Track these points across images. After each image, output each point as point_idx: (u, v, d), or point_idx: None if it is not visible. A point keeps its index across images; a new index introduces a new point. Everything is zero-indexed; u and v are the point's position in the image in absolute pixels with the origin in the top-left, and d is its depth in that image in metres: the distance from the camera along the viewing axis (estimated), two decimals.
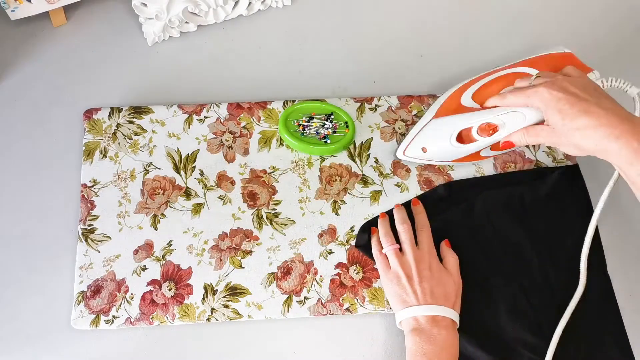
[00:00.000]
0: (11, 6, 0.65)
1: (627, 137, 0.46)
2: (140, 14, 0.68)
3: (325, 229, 0.62)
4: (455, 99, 0.61)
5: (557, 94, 0.50)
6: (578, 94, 0.50)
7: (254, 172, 0.64)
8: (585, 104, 0.49)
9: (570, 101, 0.49)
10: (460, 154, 0.59)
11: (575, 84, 0.51)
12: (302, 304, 0.59)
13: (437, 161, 0.61)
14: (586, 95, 0.50)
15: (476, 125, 0.56)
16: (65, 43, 0.71)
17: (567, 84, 0.51)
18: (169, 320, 0.57)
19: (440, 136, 0.59)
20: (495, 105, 0.57)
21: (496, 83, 0.60)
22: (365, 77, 0.71)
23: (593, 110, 0.48)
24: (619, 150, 0.46)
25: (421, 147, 0.60)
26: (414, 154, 0.61)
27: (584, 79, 0.53)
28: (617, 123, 0.47)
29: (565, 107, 0.49)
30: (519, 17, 0.76)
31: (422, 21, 0.75)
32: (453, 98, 0.61)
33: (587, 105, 0.48)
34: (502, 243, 0.60)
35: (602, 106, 0.48)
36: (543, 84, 0.52)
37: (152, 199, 0.62)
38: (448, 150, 0.59)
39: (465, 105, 0.59)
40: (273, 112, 0.67)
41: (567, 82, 0.52)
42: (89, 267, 0.59)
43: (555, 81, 0.52)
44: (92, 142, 0.64)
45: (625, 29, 0.75)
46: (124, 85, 0.69)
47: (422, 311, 0.53)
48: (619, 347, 0.57)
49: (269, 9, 0.75)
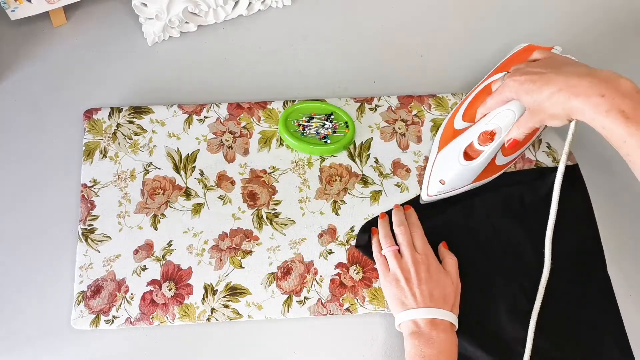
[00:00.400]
0: (11, 6, 0.65)
1: (586, 93, 0.47)
2: (140, 14, 0.68)
3: (325, 229, 0.62)
4: (449, 128, 0.63)
5: (519, 78, 0.53)
6: (539, 71, 0.52)
7: (254, 172, 0.64)
8: (546, 76, 0.50)
9: (532, 79, 0.51)
10: (475, 170, 0.59)
11: (537, 65, 0.54)
12: (302, 304, 0.59)
13: (460, 188, 0.61)
14: (547, 69, 0.52)
15: (476, 138, 0.58)
16: (65, 43, 0.71)
17: (528, 68, 0.54)
18: (169, 320, 0.57)
19: (450, 163, 0.60)
20: (484, 115, 0.59)
21: (478, 98, 0.62)
22: (365, 77, 0.71)
23: (553, 78, 0.50)
24: (582, 106, 0.47)
25: (439, 180, 0.60)
26: (436, 190, 0.61)
27: (548, 56, 0.55)
28: (575, 82, 0.48)
29: (529, 86, 0.51)
30: (519, 16, 0.76)
31: (422, 21, 0.75)
32: (447, 128, 0.63)
33: (548, 77, 0.50)
34: (502, 243, 0.60)
35: (562, 72, 0.50)
36: (508, 76, 0.55)
37: (152, 199, 0.62)
38: (463, 172, 0.59)
39: (459, 129, 0.61)
40: (273, 112, 0.67)
41: (529, 65, 0.54)
42: (89, 267, 0.59)
43: (517, 69, 0.55)
44: (92, 142, 0.64)
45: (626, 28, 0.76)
46: (124, 85, 0.69)
47: (421, 314, 0.53)
48: (618, 347, 0.57)
49: (269, 9, 0.75)
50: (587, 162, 0.65)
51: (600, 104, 0.46)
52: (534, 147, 0.66)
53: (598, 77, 0.47)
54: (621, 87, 0.46)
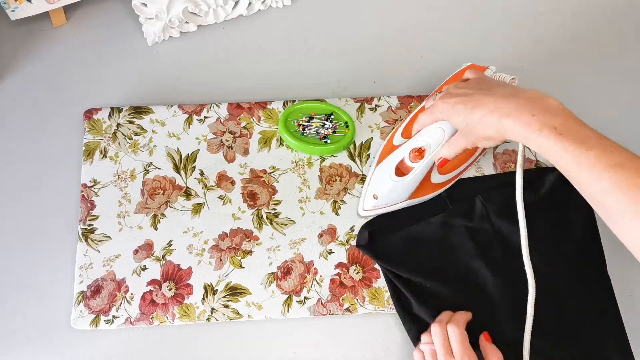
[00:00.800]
0: (11, 6, 0.65)
1: (516, 114, 0.47)
2: (140, 14, 0.68)
3: (325, 229, 0.62)
4: (389, 144, 0.63)
5: (449, 100, 0.53)
6: (468, 92, 0.52)
7: (254, 172, 0.64)
8: (476, 98, 0.51)
9: (462, 101, 0.52)
10: (408, 187, 0.59)
11: (467, 85, 0.54)
12: (302, 304, 0.59)
13: (393, 204, 0.61)
14: (476, 90, 0.52)
15: (407, 155, 0.58)
16: (65, 43, 0.71)
17: (457, 89, 0.54)
18: (169, 320, 0.57)
19: (383, 178, 0.60)
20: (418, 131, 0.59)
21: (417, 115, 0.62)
22: (365, 77, 0.71)
23: (483, 100, 0.50)
24: (514, 127, 0.48)
25: (372, 195, 0.60)
26: (370, 205, 0.61)
27: (478, 77, 0.56)
28: (504, 104, 0.48)
29: (460, 108, 0.52)
30: (519, 16, 0.76)
31: (422, 21, 0.75)
32: (387, 143, 0.64)
33: (477, 99, 0.51)
34: (502, 243, 0.60)
35: (491, 94, 0.50)
36: (439, 97, 0.55)
37: (152, 199, 0.62)
38: (394, 188, 0.59)
39: (397, 145, 0.62)
40: (273, 112, 0.67)
41: (459, 86, 0.55)
42: (89, 267, 0.59)
43: (447, 90, 0.55)
44: (92, 142, 0.64)
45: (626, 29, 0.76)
46: (124, 85, 0.69)
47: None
48: (618, 348, 0.57)
49: (269, 9, 0.75)
50: None
51: (532, 123, 0.46)
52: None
53: (526, 97, 0.48)
54: (549, 105, 0.47)
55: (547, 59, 0.73)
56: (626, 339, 0.57)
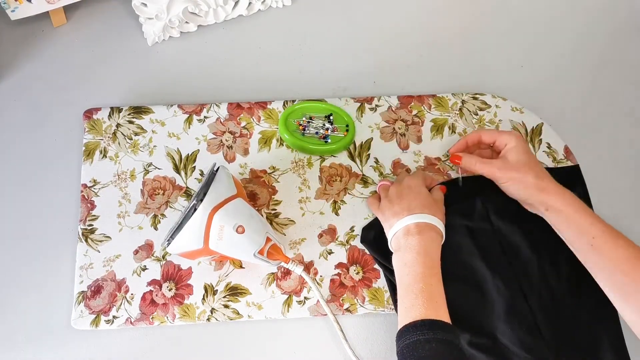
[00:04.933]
0: (11, 6, 0.65)
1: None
2: (140, 14, 0.68)
3: (325, 229, 0.62)
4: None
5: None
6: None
7: (254, 172, 0.64)
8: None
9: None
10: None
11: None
12: (302, 304, 0.59)
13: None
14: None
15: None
16: (65, 43, 0.71)
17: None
18: (169, 320, 0.57)
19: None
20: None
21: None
22: (365, 77, 0.71)
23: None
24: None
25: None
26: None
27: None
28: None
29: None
30: (519, 17, 0.76)
31: (422, 21, 0.75)
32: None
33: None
34: (501, 243, 0.60)
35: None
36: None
37: (152, 199, 0.62)
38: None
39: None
40: (273, 112, 0.67)
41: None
42: (89, 267, 0.59)
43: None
44: (92, 142, 0.64)
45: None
46: (124, 85, 0.69)
47: (397, 226, 0.56)
48: (614, 349, 0.56)
49: (269, 9, 0.75)
50: (587, 162, 0.65)
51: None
52: (534, 147, 0.66)
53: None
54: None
55: (547, 59, 0.73)
56: (622, 340, 0.57)
